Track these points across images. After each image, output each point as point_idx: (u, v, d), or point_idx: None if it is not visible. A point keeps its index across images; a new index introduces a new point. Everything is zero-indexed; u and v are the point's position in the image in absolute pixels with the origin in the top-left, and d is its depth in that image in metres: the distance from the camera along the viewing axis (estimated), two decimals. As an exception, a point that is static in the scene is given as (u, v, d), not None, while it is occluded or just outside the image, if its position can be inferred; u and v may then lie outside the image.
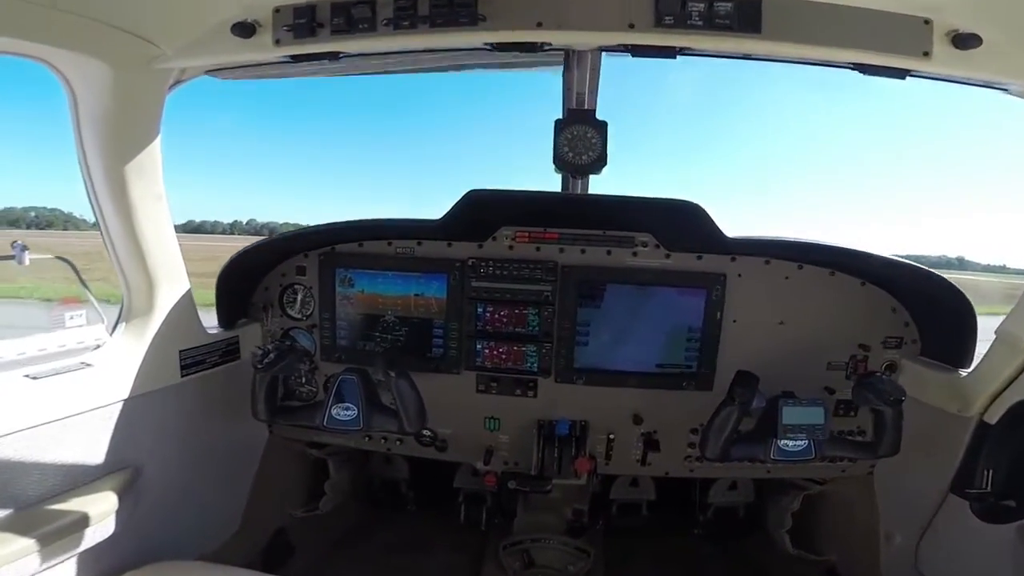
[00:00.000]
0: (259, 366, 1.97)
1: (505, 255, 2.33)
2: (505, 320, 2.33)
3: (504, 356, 2.35)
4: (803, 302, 2.24)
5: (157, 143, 1.79)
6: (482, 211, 2.12)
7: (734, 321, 2.28)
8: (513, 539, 2.70)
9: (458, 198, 2.07)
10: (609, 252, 2.30)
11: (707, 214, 2.03)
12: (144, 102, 1.73)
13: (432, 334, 2.39)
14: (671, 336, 2.32)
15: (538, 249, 2.33)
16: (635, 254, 2.30)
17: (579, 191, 2.30)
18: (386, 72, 2.04)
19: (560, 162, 1.83)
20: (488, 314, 2.34)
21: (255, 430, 2.42)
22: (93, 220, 1.84)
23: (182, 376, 2.06)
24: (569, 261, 2.31)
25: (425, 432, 2.47)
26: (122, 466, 1.84)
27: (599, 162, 1.82)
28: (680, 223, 2.15)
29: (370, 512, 3.18)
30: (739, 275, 2.25)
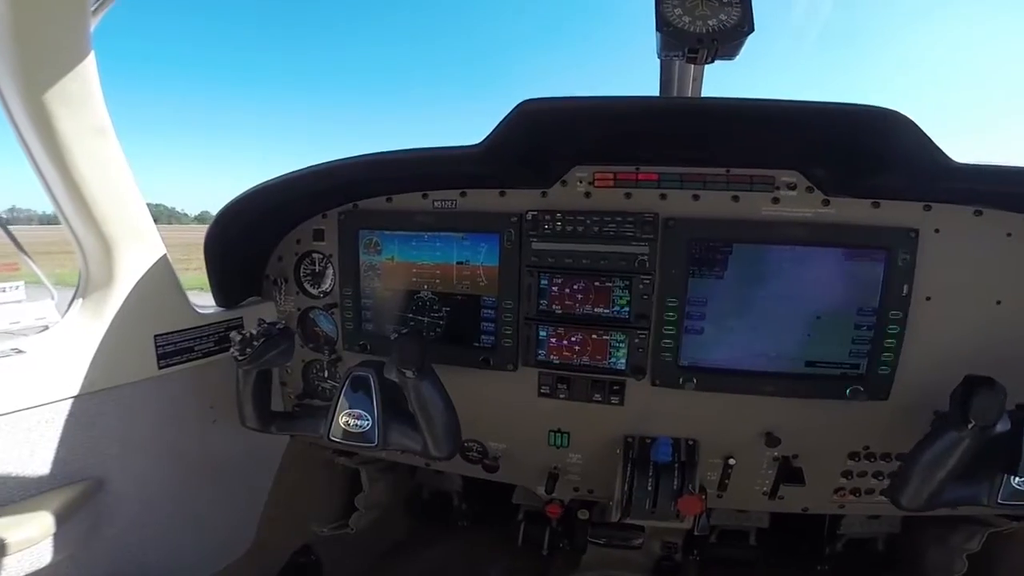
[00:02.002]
0: (240, 357, 1.47)
1: (580, 206, 1.67)
2: (580, 297, 1.67)
3: (578, 348, 1.70)
4: None
5: (90, 62, 1.30)
6: (542, 135, 1.45)
7: (927, 299, 1.52)
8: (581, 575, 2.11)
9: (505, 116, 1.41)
10: (736, 198, 1.57)
11: (921, 131, 1.23)
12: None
13: (480, 316, 1.79)
14: (830, 321, 1.57)
15: (628, 196, 1.64)
16: (776, 200, 1.56)
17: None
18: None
19: (667, 28, 1.10)
20: (556, 289, 1.69)
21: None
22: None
23: (160, 368, 1.63)
24: (676, 212, 1.60)
25: (471, 444, 1.89)
26: (70, 480, 1.44)
27: (741, 27, 1.08)
28: (861, 149, 1.36)
29: (415, 527, 2.73)
30: (936, 231, 1.49)
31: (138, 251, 1.54)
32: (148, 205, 1.59)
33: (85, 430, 1.46)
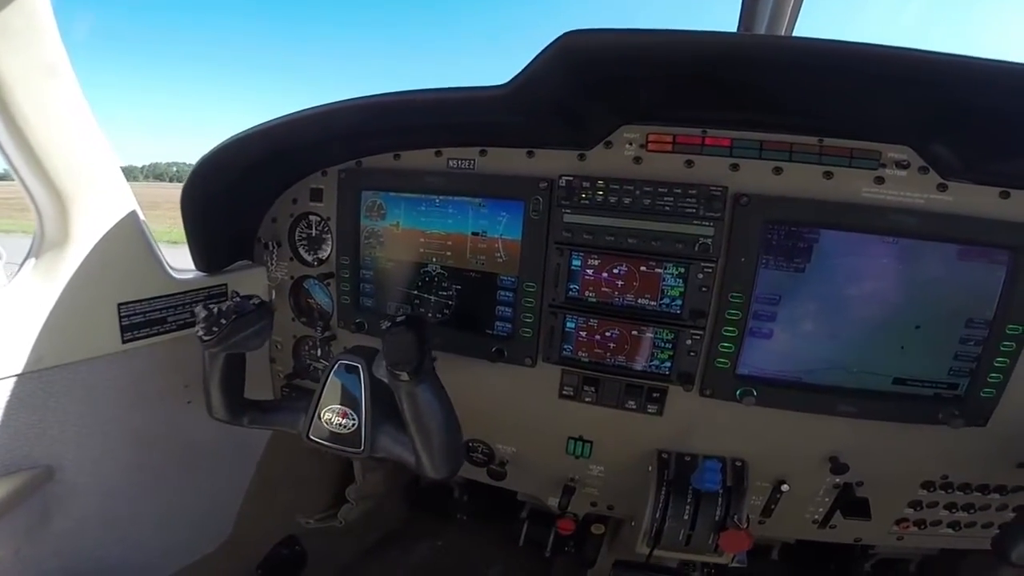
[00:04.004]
0: (206, 338, 1.21)
1: (627, 173, 1.35)
2: (621, 284, 1.38)
3: (613, 345, 1.42)
4: None
5: None
6: (587, 79, 1.13)
7: None
8: None
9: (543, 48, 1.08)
10: (829, 175, 1.25)
11: None
12: None
13: (497, 299, 1.51)
14: (931, 332, 1.27)
15: (690, 164, 1.32)
16: (879, 181, 1.23)
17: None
18: None
19: None
20: (590, 272, 1.39)
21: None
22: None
23: (124, 341, 1.40)
24: (751, 187, 1.29)
25: (476, 445, 1.65)
26: (14, 468, 1.25)
27: None
28: (1008, 123, 1.03)
29: (411, 518, 2.52)
30: None
31: (101, 207, 1.29)
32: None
33: (32, 413, 1.25)
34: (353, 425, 1.23)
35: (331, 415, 1.25)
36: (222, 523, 1.87)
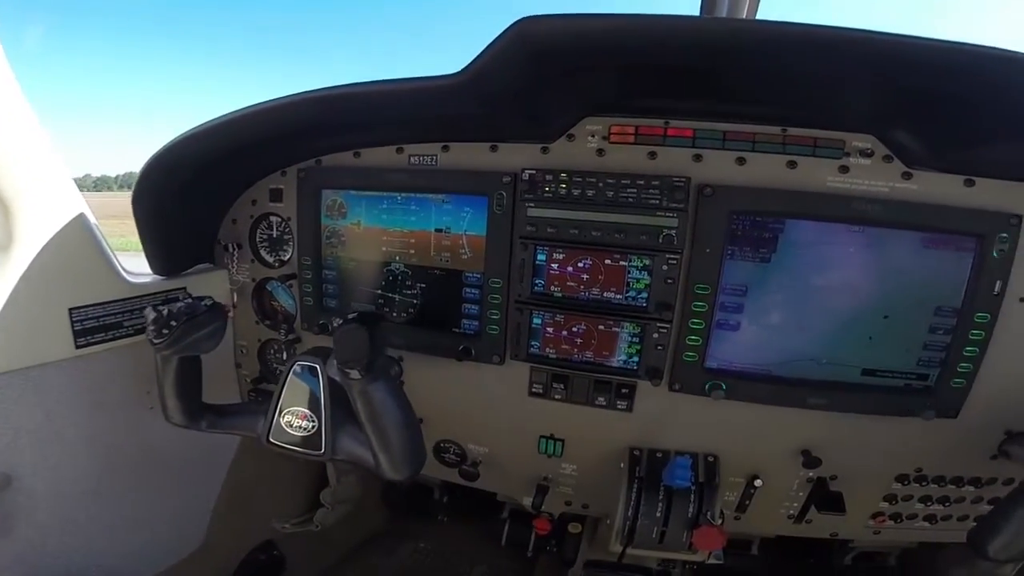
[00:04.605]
0: (156, 341, 1.18)
1: (590, 165, 1.33)
2: (586, 278, 1.35)
3: (580, 341, 1.39)
4: None
5: None
6: (545, 68, 1.10)
7: (1022, 300, 1.20)
8: None
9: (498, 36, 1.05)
10: (792, 164, 1.23)
11: None
12: None
13: (463, 296, 1.48)
14: (899, 322, 1.25)
15: (653, 156, 1.29)
16: (844, 169, 1.22)
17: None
18: None
19: None
20: (555, 267, 1.36)
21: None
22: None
23: (78, 347, 1.36)
24: (714, 177, 1.26)
25: (447, 446, 1.62)
26: None
27: None
28: (975, 108, 1.02)
29: (391, 520, 2.49)
30: None
31: (47, 210, 1.26)
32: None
33: None
34: (313, 427, 1.21)
35: (291, 417, 1.23)
36: (195, 529, 1.83)
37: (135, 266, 1.54)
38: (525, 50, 1.03)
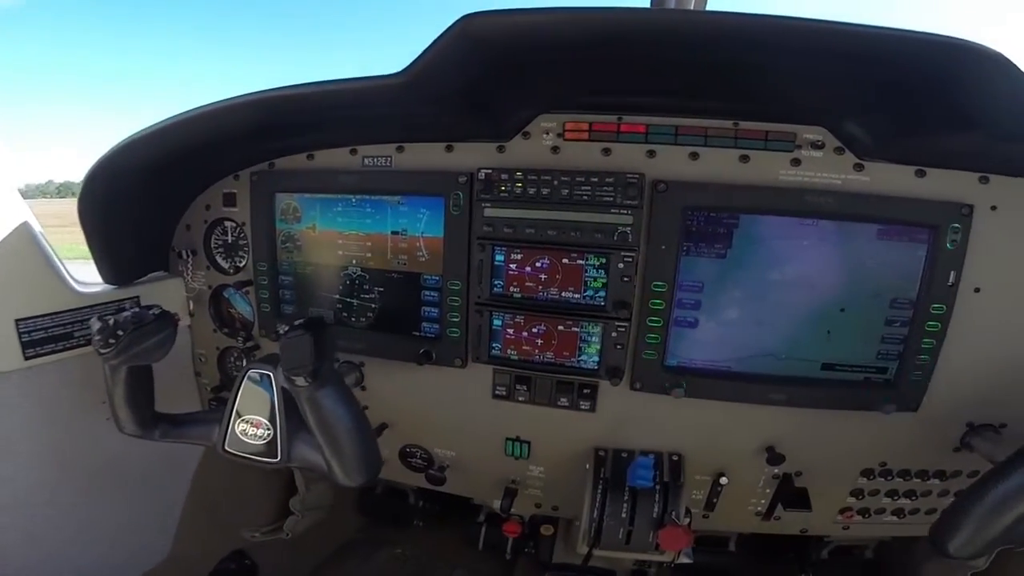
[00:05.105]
0: (103, 351, 1.15)
1: (545, 163, 1.31)
2: (544, 278, 1.33)
3: (541, 342, 1.37)
4: None
5: None
6: (492, 65, 1.08)
7: (976, 291, 1.21)
8: None
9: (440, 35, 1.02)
10: (745, 159, 1.22)
11: (1020, 73, 0.87)
12: None
13: (422, 299, 1.45)
14: (856, 315, 1.25)
15: (607, 152, 1.28)
16: (796, 163, 1.21)
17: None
18: None
19: None
20: (514, 267, 1.35)
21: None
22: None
23: (26, 358, 1.33)
24: (667, 173, 1.25)
25: (413, 451, 1.60)
26: None
27: None
28: (927, 97, 1.01)
29: (367, 526, 2.45)
30: (993, 208, 1.18)
31: None
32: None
33: None
34: (268, 435, 1.20)
35: (246, 426, 1.21)
36: (161, 539, 1.80)
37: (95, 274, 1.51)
38: (469, 47, 1.00)
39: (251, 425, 1.21)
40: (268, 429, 1.19)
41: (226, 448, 1.23)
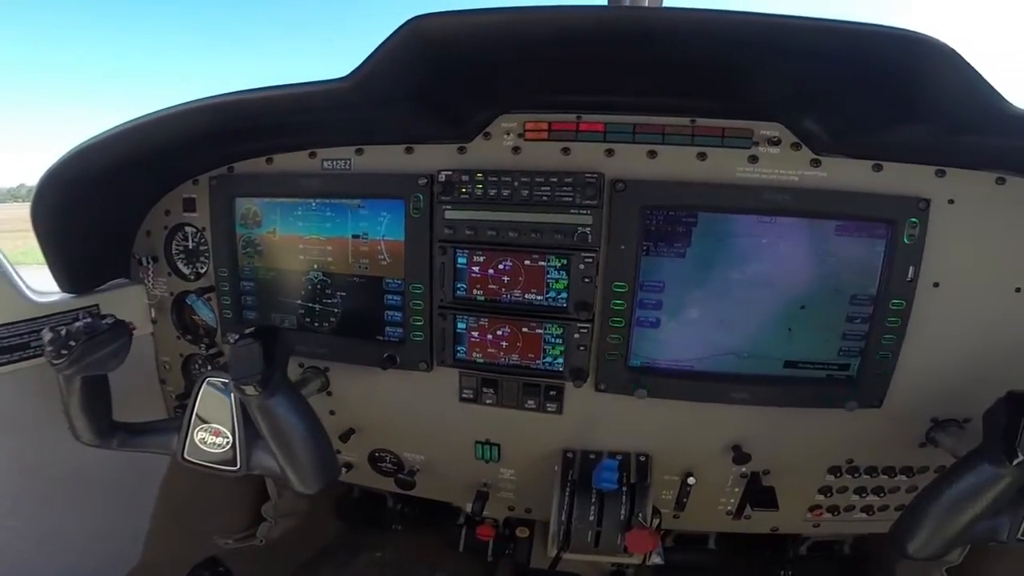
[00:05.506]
0: (55, 361, 1.13)
1: (506, 164, 1.30)
2: (507, 280, 1.32)
3: (506, 344, 1.36)
4: None
5: None
6: (444, 67, 1.06)
7: (935, 285, 1.21)
8: None
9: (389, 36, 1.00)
10: (702, 156, 1.21)
11: (969, 66, 0.88)
12: None
13: (385, 303, 1.43)
14: (816, 312, 1.25)
15: (567, 152, 1.27)
16: (753, 160, 1.21)
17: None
18: None
19: None
20: (476, 270, 1.33)
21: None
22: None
23: None
24: (626, 172, 1.24)
25: (383, 455, 1.59)
26: None
27: None
28: (877, 90, 1.01)
29: (345, 531, 2.43)
30: (950, 201, 1.18)
31: None
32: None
33: None
34: (227, 443, 1.20)
35: (204, 434, 1.21)
36: (132, 548, 1.77)
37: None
38: (419, 49, 0.99)
39: (210, 433, 1.20)
40: (227, 437, 1.19)
41: (185, 457, 1.22)
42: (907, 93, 0.96)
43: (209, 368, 1.66)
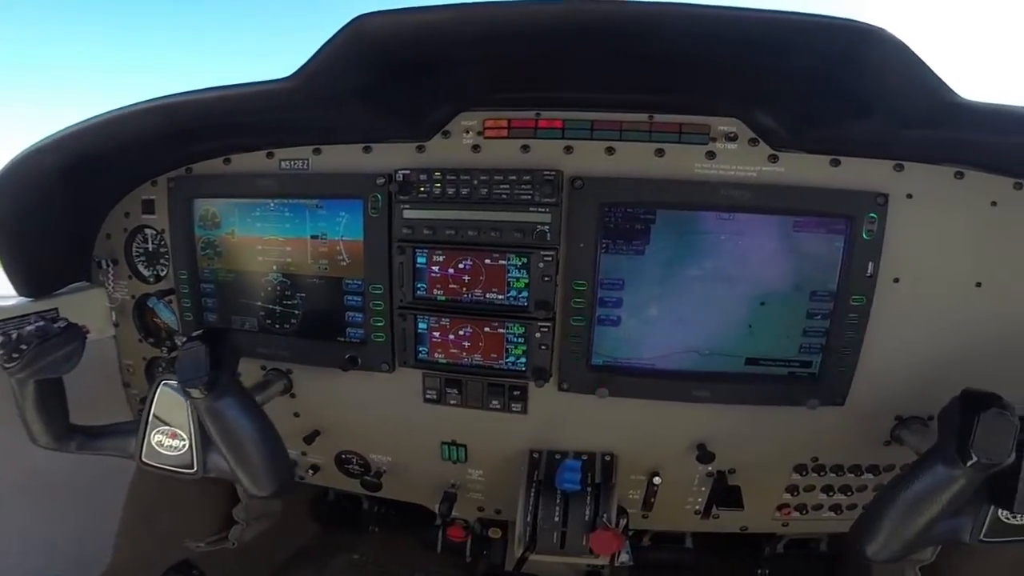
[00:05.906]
0: (7, 365, 1.12)
1: (465, 162, 1.28)
2: (467, 279, 1.31)
3: (468, 344, 1.35)
4: None
5: None
6: (391, 66, 1.04)
7: (895, 281, 1.21)
8: None
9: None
10: (660, 152, 1.20)
11: (918, 58, 0.87)
12: None
13: (345, 304, 1.41)
14: (776, 309, 1.24)
15: (526, 149, 1.25)
16: (711, 155, 1.20)
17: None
18: None
19: None
20: (436, 269, 1.32)
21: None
22: None
23: None
24: (584, 169, 1.23)
25: (349, 457, 1.57)
26: None
27: None
28: (829, 84, 1.00)
29: (321, 533, 2.41)
30: (908, 196, 1.17)
31: None
32: None
33: None
34: (184, 446, 1.19)
35: (161, 437, 1.21)
36: (98, 551, 1.74)
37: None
38: (363, 48, 0.97)
39: (167, 436, 1.20)
40: (183, 440, 1.19)
41: (143, 460, 1.22)
42: (856, 86, 0.95)
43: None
